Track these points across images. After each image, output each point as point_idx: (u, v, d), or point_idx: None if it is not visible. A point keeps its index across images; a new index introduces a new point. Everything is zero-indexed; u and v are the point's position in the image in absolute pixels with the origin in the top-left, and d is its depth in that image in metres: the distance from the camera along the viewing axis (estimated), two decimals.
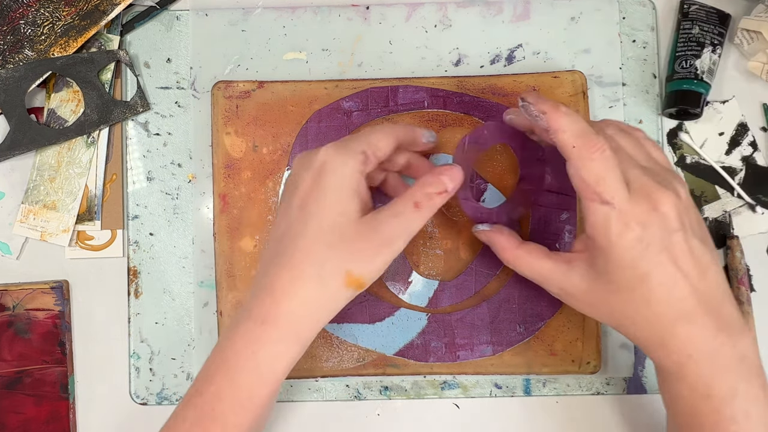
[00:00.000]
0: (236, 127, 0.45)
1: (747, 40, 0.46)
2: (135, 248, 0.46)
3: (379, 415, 0.46)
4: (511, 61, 0.47)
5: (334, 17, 0.47)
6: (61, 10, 0.45)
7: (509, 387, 0.45)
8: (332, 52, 0.47)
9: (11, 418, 0.45)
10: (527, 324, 0.44)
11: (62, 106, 0.46)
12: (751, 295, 0.45)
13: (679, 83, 0.45)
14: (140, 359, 0.45)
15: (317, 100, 0.46)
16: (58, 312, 0.45)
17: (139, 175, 0.46)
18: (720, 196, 0.46)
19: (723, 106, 0.47)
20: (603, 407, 0.45)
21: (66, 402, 0.45)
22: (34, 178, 0.46)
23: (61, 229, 0.45)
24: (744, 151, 0.47)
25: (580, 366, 0.44)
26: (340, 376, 0.45)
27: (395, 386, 0.45)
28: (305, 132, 0.45)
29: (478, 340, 0.44)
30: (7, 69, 0.45)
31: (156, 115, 0.47)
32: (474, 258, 0.45)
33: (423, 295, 0.45)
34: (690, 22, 0.46)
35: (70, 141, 0.46)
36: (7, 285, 0.45)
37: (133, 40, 0.47)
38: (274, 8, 0.47)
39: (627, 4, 0.47)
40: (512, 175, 0.45)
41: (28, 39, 0.45)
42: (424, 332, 0.44)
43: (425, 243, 0.45)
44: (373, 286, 0.44)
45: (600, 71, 0.47)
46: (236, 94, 0.45)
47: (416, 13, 0.47)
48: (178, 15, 0.47)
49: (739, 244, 0.45)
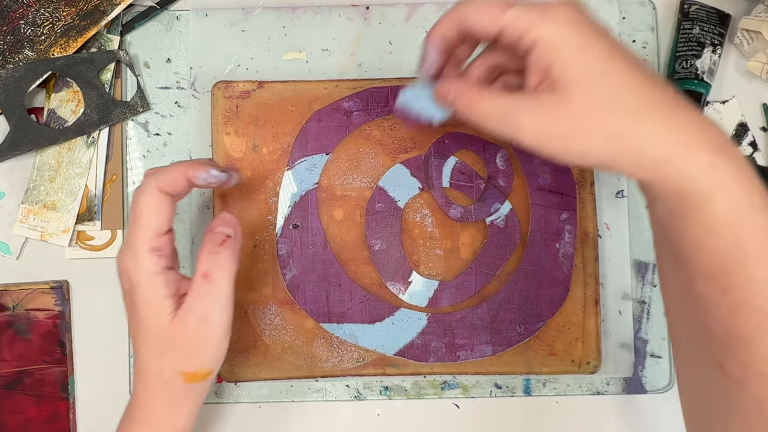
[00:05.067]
0: (236, 127, 0.45)
1: (747, 40, 0.46)
2: None
3: (379, 415, 0.46)
4: None
5: (334, 17, 0.47)
6: (61, 10, 0.45)
7: (509, 387, 0.45)
8: (332, 52, 0.47)
9: (11, 418, 0.45)
10: (527, 324, 0.44)
11: (62, 106, 0.46)
12: None
13: (680, 83, 0.45)
14: None
15: (317, 100, 0.46)
16: (58, 312, 0.45)
17: (139, 175, 0.46)
18: None
19: (723, 106, 0.47)
20: (603, 407, 0.45)
21: (66, 402, 0.45)
22: (34, 178, 0.46)
23: (61, 229, 0.45)
24: (744, 151, 0.47)
25: (580, 366, 0.44)
26: (340, 376, 0.45)
27: (395, 386, 0.45)
28: (305, 132, 0.45)
29: (478, 340, 0.44)
30: (7, 69, 0.45)
31: (156, 115, 0.47)
32: (474, 258, 0.45)
33: (423, 295, 0.45)
34: (690, 22, 0.46)
35: (70, 141, 0.46)
36: (7, 285, 0.45)
37: (133, 40, 0.47)
38: (274, 8, 0.47)
39: (627, 4, 0.47)
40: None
41: (28, 39, 0.45)
42: (424, 332, 0.44)
43: (425, 243, 0.45)
44: (374, 286, 0.44)
45: None
46: (236, 94, 0.45)
47: (416, 13, 0.47)
48: (178, 15, 0.47)
49: None
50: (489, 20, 0.32)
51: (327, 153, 0.45)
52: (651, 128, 0.29)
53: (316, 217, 0.45)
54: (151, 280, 0.34)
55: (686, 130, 0.29)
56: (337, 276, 0.45)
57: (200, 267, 0.35)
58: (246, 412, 0.46)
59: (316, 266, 0.45)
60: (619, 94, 0.30)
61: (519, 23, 0.31)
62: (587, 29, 0.30)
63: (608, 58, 0.30)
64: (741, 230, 0.29)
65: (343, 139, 0.45)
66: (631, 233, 0.46)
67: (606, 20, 0.47)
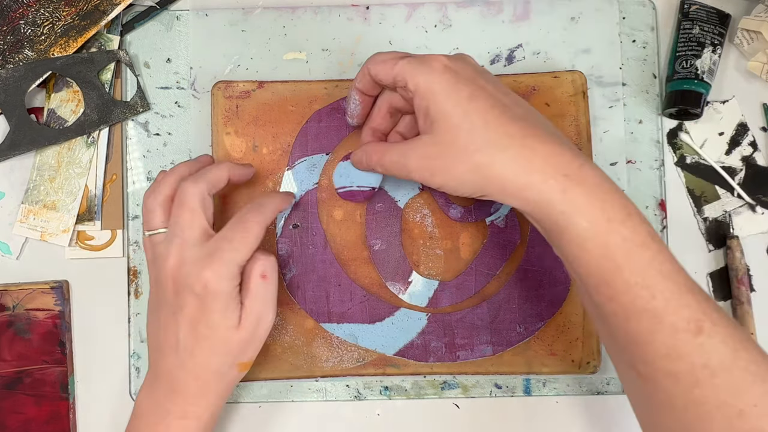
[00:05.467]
0: (236, 127, 0.45)
1: (747, 40, 0.46)
2: (135, 248, 0.46)
3: (379, 415, 0.46)
4: (511, 61, 0.47)
5: (334, 17, 0.47)
6: (61, 10, 0.45)
7: (509, 387, 0.45)
8: (332, 52, 0.47)
9: (11, 418, 0.45)
10: (527, 324, 0.44)
11: (62, 106, 0.46)
12: (751, 295, 0.45)
13: (680, 83, 0.45)
14: (140, 359, 0.45)
15: (317, 100, 0.46)
16: (58, 312, 0.45)
17: (139, 175, 0.46)
18: (720, 196, 0.46)
19: (723, 106, 0.47)
20: (603, 407, 0.45)
21: (66, 402, 0.45)
22: (34, 178, 0.46)
23: (61, 229, 0.45)
24: (744, 151, 0.47)
25: (580, 366, 0.44)
26: (340, 376, 0.45)
27: (395, 386, 0.45)
28: (305, 132, 0.45)
29: (478, 340, 0.44)
30: (7, 69, 0.45)
31: (156, 115, 0.47)
32: (474, 258, 0.45)
33: (423, 295, 0.45)
34: (690, 22, 0.46)
35: (70, 141, 0.46)
36: (7, 285, 0.45)
37: (133, 40, 0.47)
38: (274, 8, 0.47)
39: (627, 4, 0.47)
40: None
41: (28, 39, 0.45)
42: (424, 332, 0.44)
43: (425, 243, 0.45)
44: (374, 286, 0.45)
45: (600, 71, 0.47)
46: (236, 94, 0.45)
47: (416, 13, 0.47)
48: (178, 15, 0.47)
49: (739, 244, 0.45)
50: (385, 70, 0.37)
51: (327, 153, 0.45)
52: (505, 159, 0.33)
53: (316, 217, 0.45)
54: (233, 291, 0.37)
55: (536, 160, 0.33)
56: (337, 276, 0.45)
57: (257, 268, 0.38)
58: (246, 412, 0.46)
59: (316, 266, 0.45)
60: (478, 131, 0.34)
61: (404, 73, 0.36)
62: (454, 77, 0.35)
63: (470, 101, 0.34)
64: (606, 243, 0.32)
65: (343, 139, 0.45)
66: None
67: (606, 20, 0.47)
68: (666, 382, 0.32)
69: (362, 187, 0.43)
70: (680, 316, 0.31)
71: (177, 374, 0.38)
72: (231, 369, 0.39)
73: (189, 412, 0.38)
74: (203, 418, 0.39)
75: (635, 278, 0.32)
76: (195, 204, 0.37)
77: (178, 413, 0.38)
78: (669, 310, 0.32)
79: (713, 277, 0.46)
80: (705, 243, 0.46)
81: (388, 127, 0.42)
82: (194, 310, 0.37)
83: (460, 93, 0.34)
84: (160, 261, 0.38)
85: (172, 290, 0.37)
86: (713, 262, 0.46)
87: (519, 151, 0.33)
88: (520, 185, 0.33)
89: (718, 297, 0.46)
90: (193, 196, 0.37)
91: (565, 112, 0.45)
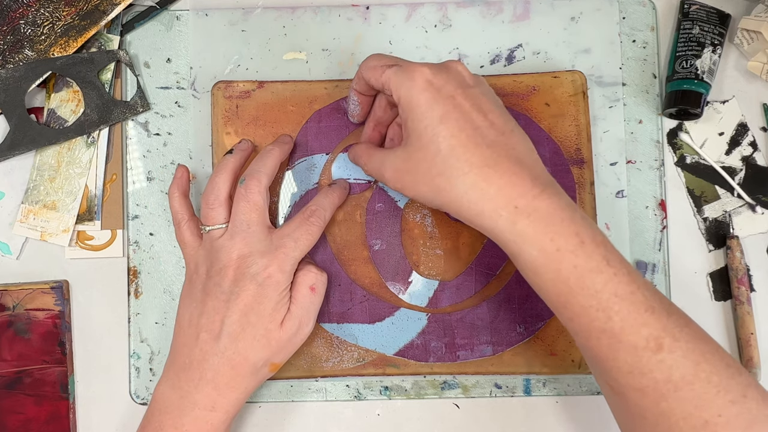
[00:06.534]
0: (236, 127, 0.45)
1: (747, 40, 0.46)
2: (135, 248, 0.46)
3: (379, 415, 0.46)
4: (511, 61, 0.47)
5: (334, 17, 0.47)
6: (61, 10, 0.45)
7: (509, 387, 0.45)
8: (332, 52, 0.47)
9: (11, 418, 0.45)
10: (527, 324, 0.44)
11: (62, 106, 0.46)
12: (751, 295, 0.45)
13: (680, 83, 0.45)
14: (140, 359, 0.45)
15: (317, 100, 0.46)
16: (58, 312, 0.45)
17: (139, 175, 0.46)
18: (720, 196, 0.46)
19: (723, 106, 0.47)
20: (603, 407, 0.45)
21: (66, 402, 0.45)
22: (34, 178, 0.46)
23: (61, 229, 0.45)
24: (744, 151, 0.47)
25: (580, 366, 0.44)
26: (340, 376, 0.45)
27: (395, 386, 0.45)
28: (305, 132, 0.45)
29: (478, 340, 0.44)
30: (7, 69, 0.45)
31: (156, 115, 0.47)
32: (474, 258, 0.45)
33: (423, 295, 0.45)
34: (690, 22, 0.46)
35: (70, 141, 0.46)
36: (7, 285, 0.45)
37: (133, 40, 0.47)
38: (274, 8, 0.47)
39: (627, 4, 0.47)
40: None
41: (28, 39, 0.45)
42: (424, 332, 0.44)
43: (425, 243, 0.45)
44: (374, 285, 0.45)
45: (600, 71, 0.47)
46: (236, 94, 0.45)
47: (416, 13, 0.47)
48: (178, 15, 0.47)
49: (739, 244, 0.45)
50: (375, 77, 0.38)
51: (327, 153, 0.45)
52: (463, 186, 0.34)
53: None
54: (288, 287, 0.39)
55: (490, 190, 0.34)
56: (337, 276, 0.45)
57: (309, 279, 0.40)
58: (246, 412, 0.46)
59: None
60: (442, 155, 0.35)
61: (389, 83, 0.37)
62: (432, 94, 0.35)
63: (440, 122, 0.35)
64: (558, 269, 0.33)
65: (343, 139, 0.45)
66: (631, 233, 0.46)
67: (606, 20, 0.47)
68: (634, 396, 0.33)
69: (359, 180, 0.45)
70: (639, 335, 0.32)
71: (212, 361, 0.38)
72: (264, 366, 0.40)
73: (218, 403, 0.38)
74: (231, 413, 0.39)
75: (589, 302, 0.33)
76: (259, 201, 0.39)
77: (206, 405, 0.38)
78: (626, 330, 0.32)
79: (713, 277, 0.46)
80: (705, 243, 0.46)
81: (389, 118, 0.43)
82: (251, 297, 0.38)
83: (434, 113, 0.35)
84: (223, 252, 0.39)
85: (231, 278, 0.38)
86: (713, 262, 0.46)
87: (475, 181, 0.34)
88: (475, 212, 0.34)
89: (718, 297, 0.46)
90: (258, 195, 0.39)
91: (565, 112, 0.45)
